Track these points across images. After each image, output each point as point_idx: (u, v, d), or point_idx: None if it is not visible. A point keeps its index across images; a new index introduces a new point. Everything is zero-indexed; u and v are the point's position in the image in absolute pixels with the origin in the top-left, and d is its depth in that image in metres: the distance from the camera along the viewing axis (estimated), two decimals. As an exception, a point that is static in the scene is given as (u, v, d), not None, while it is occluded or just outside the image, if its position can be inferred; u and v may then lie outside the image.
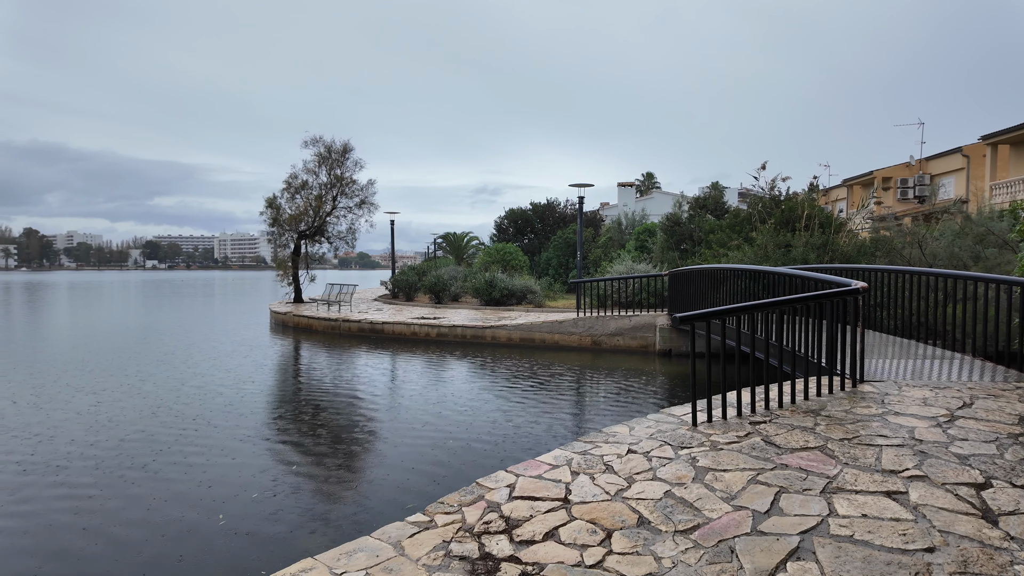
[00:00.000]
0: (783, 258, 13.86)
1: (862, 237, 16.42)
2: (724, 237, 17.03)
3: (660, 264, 20.54)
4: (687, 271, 13.18)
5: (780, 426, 4.59)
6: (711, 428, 4.67)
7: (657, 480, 3.79)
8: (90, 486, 5.93)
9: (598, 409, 9.40)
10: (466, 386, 10.74)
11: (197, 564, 4.50)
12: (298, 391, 10.80)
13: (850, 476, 3.58)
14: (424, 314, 17.90)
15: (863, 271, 9.67)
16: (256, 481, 6.05)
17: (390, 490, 5.90)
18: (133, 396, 9.79)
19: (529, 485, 3.86)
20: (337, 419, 8.66)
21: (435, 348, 14.73)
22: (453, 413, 8.71)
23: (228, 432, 7.77)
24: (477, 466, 6.39)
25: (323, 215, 21.80)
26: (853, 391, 5.54)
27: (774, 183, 18.08)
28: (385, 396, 10.04)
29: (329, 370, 12.75)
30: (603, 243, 29.20)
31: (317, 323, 17.92)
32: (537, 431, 7.79)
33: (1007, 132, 21.82)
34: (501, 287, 19.76)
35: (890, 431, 4.33)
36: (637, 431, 4.79)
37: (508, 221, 34.76)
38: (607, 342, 14.53)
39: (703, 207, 22.81)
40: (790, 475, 3.66)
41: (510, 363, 12.86)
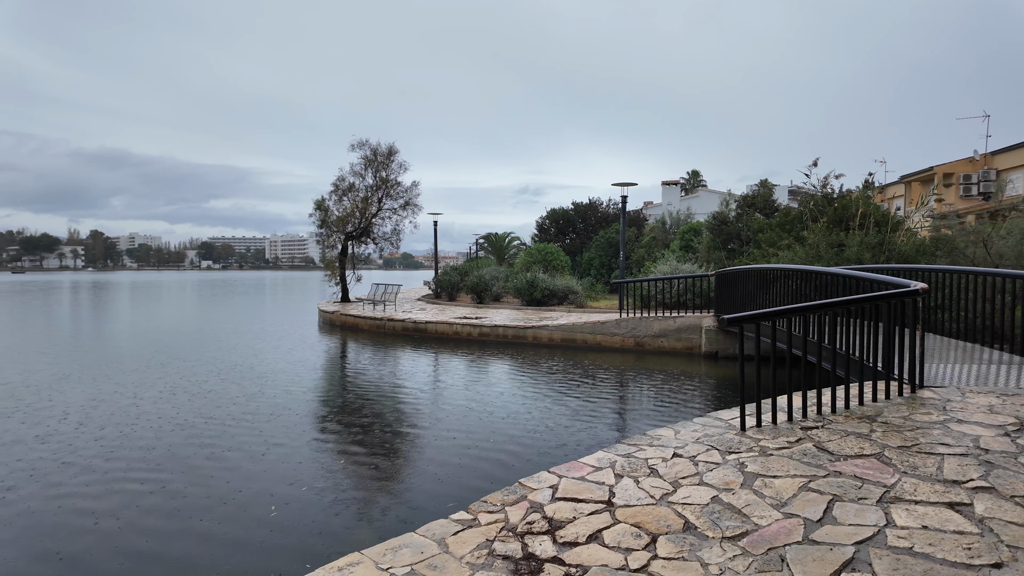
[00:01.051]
0: (836, 258, 13.37)
1: (921, 236, 15.69)
2: (774, 236, 16.55)
3: (706, 264, 20.12)
4: (735, 271, 12.88)
5: (833, 432, 4.43)
6: (760, 433, 4.56)
7: (704, 485, 3.72)
8: (159, 470, 6.23)
9: (642, 412, 9.29)
10: (507, 386, 10.78)
11: (245, 552, 4.66)
12: (345, 388, 11.05)
13: (909, 485, 3.43)
14: (466, 314, 18.04)
15: (922, 271, 9.24)
16: (307, 474, 6.22)
17: (434, 487, 5.97)
18: (195, 392, 10.21)
19: (572, 487, 3.85)
20: (383, 416, 8.83)
21: (477, 348, 14.83)
22: (495, 412, 8.76)
23: (280, 426, 8.02)
24: (519, 465, 6.40)
25: (369, 216, 22.26)
26: (912, 397, 5.30)
27: (826, 180, 17.47)
28: (428, 394, 10.17)
29: (375, 368, 13.00)
30: (646, 243, 28.81)
31: (363, 322, 18.30)
32: (578, 433, 7.75)
33: (1083, 123, 20.45)
34: (542, 287, 19.73)
35: (952, 439, 4.12)
36: (683, 435, 4.71)
37: (549, 221, 34.69)
38: (650, 343, 14.33)
39: (751, 205, 22.22)
40: (844, 483, 3.54)
41: (552, 364, 12.84)
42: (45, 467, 6.52)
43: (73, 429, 7.89)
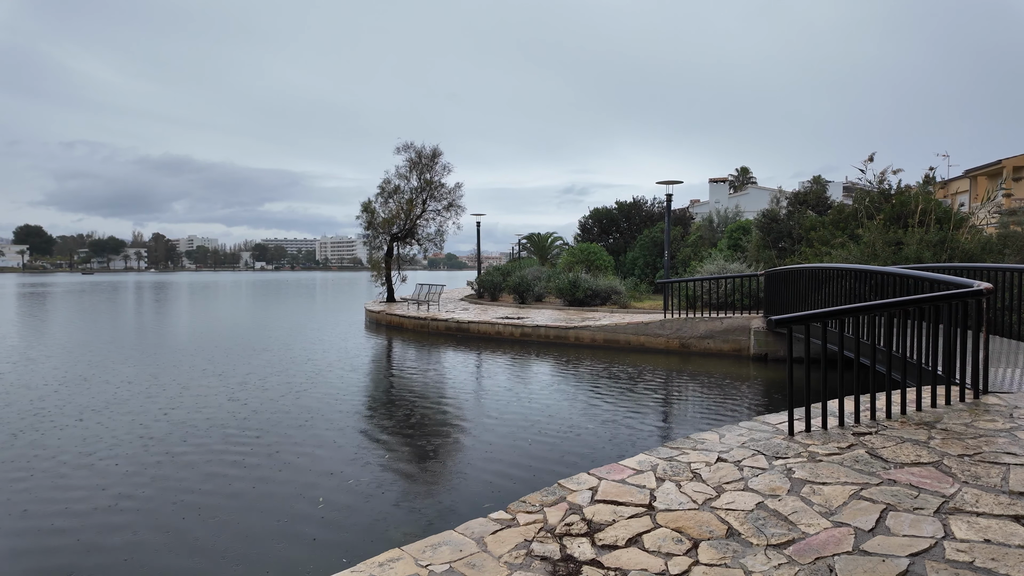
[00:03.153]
0: (893, 257, 12.80)
1: (987, 233, 14.85)
2: (827, 235, 15.97)
3: (755, 264, 19.57)
4: (785, 271, 12.49)
5: (888, 438, 4.24)
6: (809, 438, 4.40)
7: (748, 491, 3.62)
8: (221, 461, 6.50)
9: (685, 415, 9.11)
10: (549, 386, 10.76)
11: (291, 543, 4.80)
12: (390, 386, 11.26)
13: (970, 496, 3.26)
14: (508, 314, 18.10)
15: (988, 270, 8.75)
16: (353, 468, 6.37)
17: (475, 485, 6.02)
18: (251, 387, 10.60)
19: (612, 489, 3.81)
20: (426, 413, 8.95)
21: (519, 348, 14.85)
22: (536, 412, 8.75)
23: (330, 421, 8.23)
24: (559, 466, 6.38)
25: (413, 218, 22.60)
26: (975, 403, 5.02)
27: (883, 176, 16.76)
28: (470, 394, 10.26)
29: (418, 367, 13.19)
30: (692, 242, 28.23)
31: (407, 322, 18.60)
32: (619, 435, 7.67)
33: None
34: (585, 287, 19.61)
35: (1020, 448, 3.89)
36: (728, 439, 4.60)
37: (592, 221, 34.41)
38: (696, 345, 14.04)
39: (803, 203, 21.48)
40: (899, 492, 3.38)
41: (594, 364, 12.74)
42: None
43: (183, 416, 8.32)
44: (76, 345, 16.36)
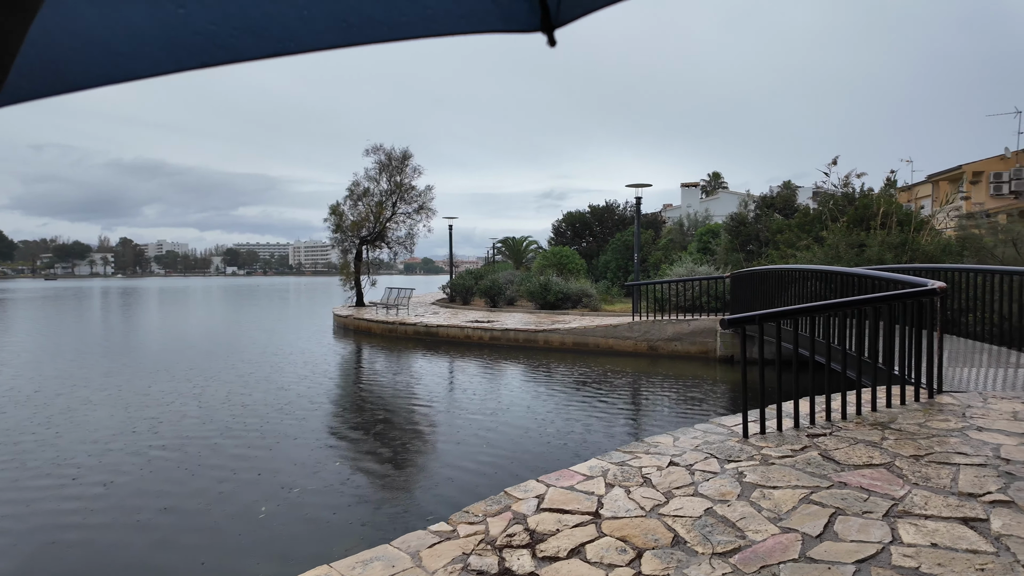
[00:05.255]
0: (856, 258, 12.95)
1: (947, 235, 15.15)
2: (792, 237, 16.14)
3: (724, 266, 19.70)
4: (750, 272, 12.54)
5: (842, 440, 4.17)
6: (763, 441, 4.31)
7: (698, 496, 3.50)
8: (168, 470, 6.18)
9: (648, 418, 9.03)
10: (515, 391, 10.60)
11: (219, 553, 4.55)
12: (353, 392, 10.98)
13: (919, 498, 3.18)
14: (478, 318, 17.91)
15: (946, 271, 8.85)
16: (303, 477, 6.11)
17: (431, 493, 5.82)
18: (206, 394, 10.23)
19: (559, 496, 3.66)
20: (388, 419, 8.71)
21: (488, 352, 14.67)
22: (500, 417, 8.58)
23: (286, 427, 7.94)
24: (523, 469, 6.22)
25: (383, 221, 22.26)
26: (930, 402, 5.00)
27: (847, 179, 17.02)
28: (434, 399, 10.04)
29: (383, 372, 12.92)
30: (664, 245, 28.41)
31: (376, 326, 18.27)
32: (581, 438, 7.54)
33: (1121, 117, 19.63)
34: (556, 291, 19.52)
35: (971, 448, 3.84)
36: (682, 441, 4.49)
37: (566, 224, 34.46)
38: (664, 347, 14.02)
39: (770, 206, 21.74)
40: (848, 495, 3.29)
41: (561, 368, 12.62)
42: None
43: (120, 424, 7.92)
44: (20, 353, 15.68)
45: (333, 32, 0.82)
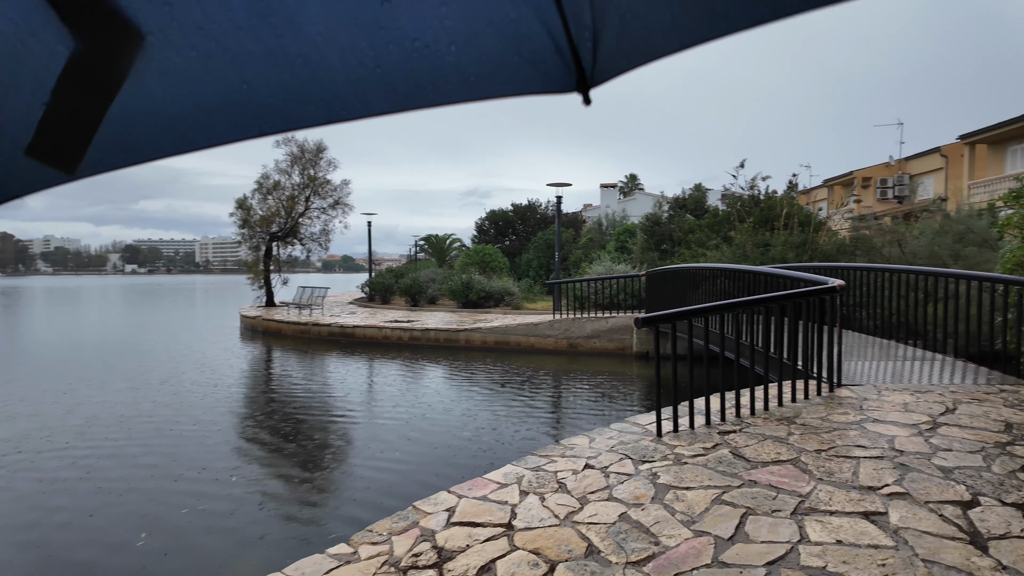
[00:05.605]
0: (761, 257, 13.60)
1: (842, 236, 16.25)
2: (703, 237, 16.76)
3: (640, 265, 20.23)
4: (664, 271, 12.87)
5: (751, 436, 4.23)
6: (677, 439, 4.30)
7: (613, 500, 3.40)
8: (55, 484, 5.42)
9: (570, 417, 9.02)
10: (435, 393, 10.31)
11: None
12: (262, 398, 10.29)
13: (824, 494, 3.22)
14: (398, 317, 17.42)
15: (842, 269, 9.40)
16: (199, 494, 5.56)
17: (344, 507, 5.46)
18: (97, 403, 9.23)
19: (471, 508, 3.45)
20: (299, 426, 8.18)
21: (407, 352, 14.26)
22: (418, 422, 8.28)
23: (184, 439, 7.26)
24: (438, 480, 5.97)
25: (296, 216, 21.20)
26: (830, 396, 5.20)
27: (754, 182, 17.88)
28: (351, 403, 9.57)
29: (295, 376, 12.24)
30: (584, 244, 28.90)
31: (286, 327, 17.35)
32: (505, 441, 7.39)
33: (984, 132, 21.87)
34: (478, 289, 19.34)
35: (869, 441, 3.98)
36: (597, 443, 4.40)
37: (489, 222, 34.36)
38: (583, 345, 14.16)
39: (683, 207, 22.57)
40: (758, 494, 3.29)
41: (483, 368, 12.45)
42: None
43: None
44: None
45: (382, 100, 0.88)
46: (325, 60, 0.83)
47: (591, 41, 0.85)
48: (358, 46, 0.83)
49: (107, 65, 0.74)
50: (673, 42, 0.80)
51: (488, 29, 0.84)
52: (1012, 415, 4.40)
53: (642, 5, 0.80)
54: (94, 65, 0.74)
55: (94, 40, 0.73)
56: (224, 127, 0.89)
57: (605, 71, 0.88)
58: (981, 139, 22.32)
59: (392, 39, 0.83)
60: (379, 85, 0.86)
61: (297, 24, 0.79)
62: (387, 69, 0.85)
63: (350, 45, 0.82)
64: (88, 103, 0.75)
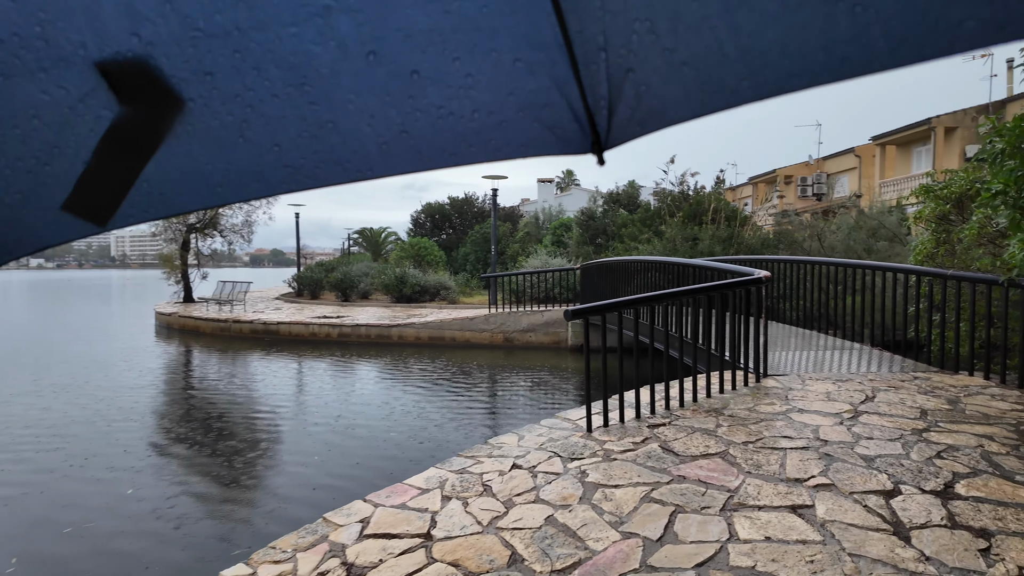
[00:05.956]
0: (691, 251, 13.89)
1: (766, 231, 16.86)
2: (635, 231, 17.01)
3: (575, 258, 20.34)
4: (598, 264, 12.91)
5: (680, 429, 4.15)
6: (607, 434, 4.17)
7: (540, 503, 3.22)
8: None
9: (503, 413, 8.84)
10: (365, 392, 9.89)
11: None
12: (177, 401, 9.55)
13: (753, 488, 3.15)
14: (327, 313, 16.73)
15: (766, 262, 9.65)
16: (98, 509, 4.99)
17: (258, 520, 5.04)
18: None
19: (387, 518, 3.18)
20: (216, 431, 7.59)
21: (336, 350, 13.69)
22: (348, 422, 7.87)
23: (89, 446, 6.56)
24: (362, 487, 5.64)
25: (215, 206, 19.94)
26: (757, 386, 5.24)
27: (683, 178, 18.30)
28: (273, 405, 9.02)
29: (213, 376, 11.47)
30: (520, 238, 28.86)
31: (205, 324, 16.32)
32: (436, 440, 7.11)
33: (893, 133, 23.30)
34: (412, 283, 18.87)
35: (794, 431, 3.98)
36: (527, 440, 4.22)
37: (425, 216, 33.76)
38: (519, 339, 14.04)
39: (616, 202, 22.88)
40: (687, 490, 3.19)
41: (416, 364, 12.10)
42: None
43: None
44: None
45: (406, 162, 0.93)
46: (355, 125, 0.88)
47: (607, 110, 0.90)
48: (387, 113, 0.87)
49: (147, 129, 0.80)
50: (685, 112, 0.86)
51: (510, 99, 0.88)
52: (926, 402, 4.54)
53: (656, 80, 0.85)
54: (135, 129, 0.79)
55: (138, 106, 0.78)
56: (254, 185, 0.92)
57: (619, 136, 0.92)
58: (890, 141, 23.77)
59: (419, 107, 0.87)
60: (404, 148, 0.91)
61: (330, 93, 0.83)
62: (413, 134, 0.90)
63: (379, 112, 0.87)
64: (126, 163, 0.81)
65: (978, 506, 2.84)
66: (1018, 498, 2.90)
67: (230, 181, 0.91)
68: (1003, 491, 2.98)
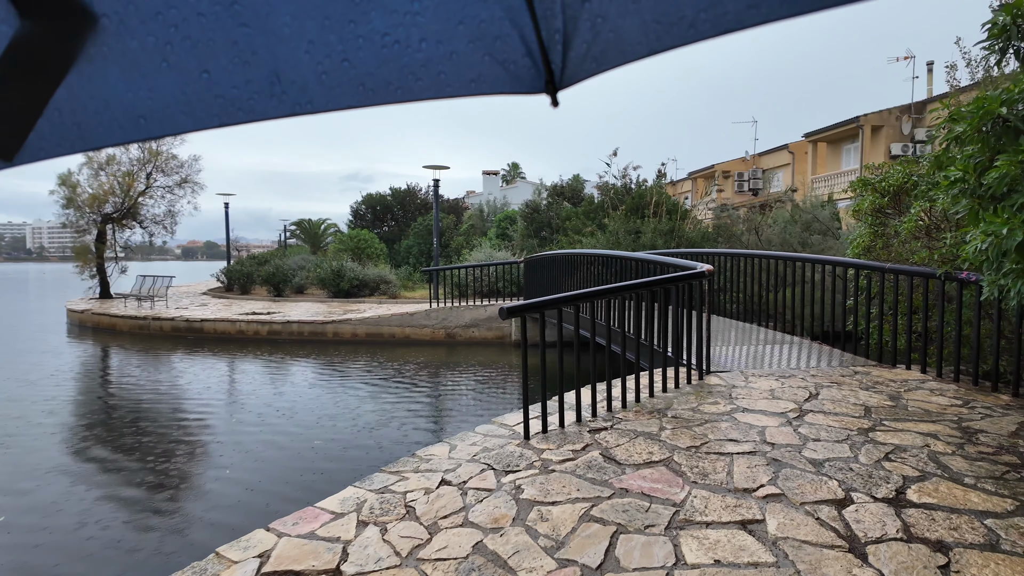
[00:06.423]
0: (634, 244, 13.84)
1: (706, 224, 17.06)
2: (579, 224, 16.87)
3: (520, 251, 20.08)
4: (542, 257, 12.66)
5: (622, 433, 3.89)
6: (545, 441, 3.86)
7: (468, 526, 2.86)
8: None
9: (441, 417, 8.45)
10: (292, 395, 9.28)
11: None
12: (84, 408, 8.66)
13: (699, 501, 2.90)
14: (257, 309, 15.82)
15: (707, 255, 9.63)
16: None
17: (157, 553, 4.48)
18: None
19: (291, 551, 2.76)
20: (126, 443, 6.86)
21: (266, 348, 12.91)
22: (270, 431, 7.29)
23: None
24: (284, 504, 5.15)
25: (135, 195, 18.55)
26: (700, 384, 5.06)
27: (626, 171, 18.29)
28: (190, 411, 8.31)
29: (124, 381, 10.55)
30: (465, 230, 28.41)
31: (122, 322, 15.12)
32: (366, 449, 6.66)
33: (824, 131, 24.12)
34: (351, 277, 18.13)
35: (740, 433, 3.78)
36: (459, 450, 3.86)
37: (366, 207, 32.75)
38: (462, 334, 13.66)
39: (561, 195, 22.74)
40: (630, 505, 2.91)
41: (351, 363, 11.52)
42: None
43: None
44: None
45: (349, 95, 0.88)
46: (291, 52, 0.82)
47: (561, 44, 0.88)
48: (326, 39, 0.82)
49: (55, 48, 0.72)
50: (642, 47, 0.84)
51: (459, 28, 0.86)
52: (869, 398, 4.45)
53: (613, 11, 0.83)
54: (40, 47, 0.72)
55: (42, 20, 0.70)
56: (181, 117, 0.86)
57: (575, 74, 0.91)
58: (821, 138, 24.62)
59: (362, 33, 0.83)
60: (347, 79, 0.87)
61: (263, 14, 0.77)
62: (355, 63, 0.86)
63: (318, 38, 0.82)
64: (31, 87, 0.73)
65: (932, 514, 2.68)
66: (970, 504, 2.76)
67: (155, 112, 0.84)
68: (954, 496, 2.84)
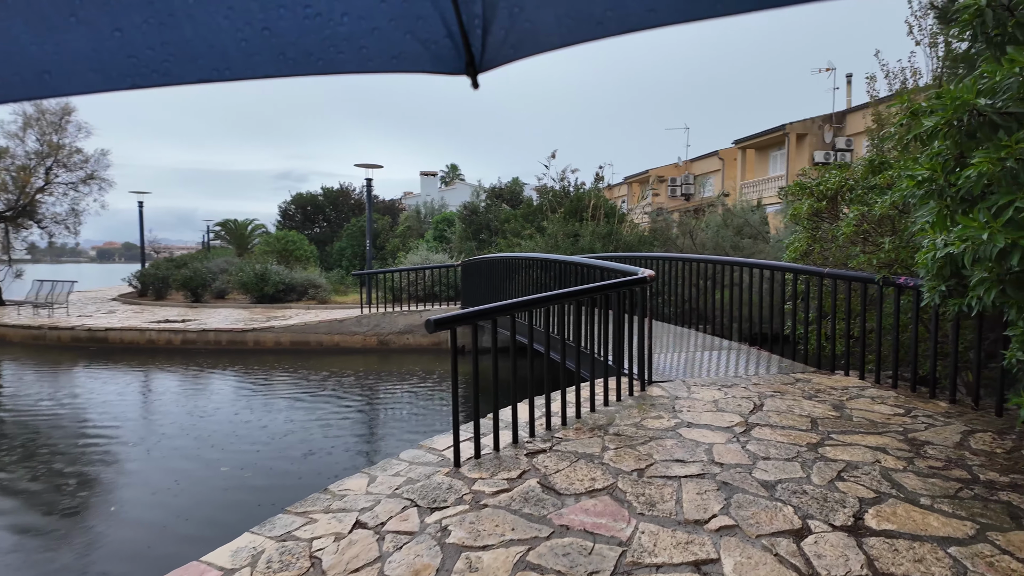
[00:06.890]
0: (572, 247, 13.68)
1: (642, 228, 17.17)
2: (518, 226, 16.62)
3: (458, 254, 19.61)
4: (479, 261, 12.27)
5: (562, 456, 3.54)
6: (478, 469, 3.47)
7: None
8: None
9: (368, 436, 7.90)
10: (205, 414, 8.48)
11: None
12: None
13: (648, 538, 2.58)
14: (171, 316, 14.65)
15: (644, 259, 9.53)
16: None
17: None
18: None
19: (161, 625, 2.24)
20: (11, 476, 5.96)
21: (179, 359, 11.89)
22: (179, 456, 6.56)
23: None
24: (192, 546, 4.53)
25: (31, 192, 16.84)
26: (643, 395, 4.80)
27: (564, 174, 18.19)
28: (88, 433, 7.40)
29: (14, 397, 9.38)
30: (401, 232, 27.65)
31: (13, 332, 13.60)
32: (282, 478, 6.06)
33: (752, 138, 24.94)
34: (276, 281, 17.13)
35: (687, 452, 3.52)
36: (379, 483, 3.41)
37: (295, 207, 31.38)
38: (396, 341, 13.07)
39: (499, 197, 22.45)
40: (571, 547, 2.56)
41: (273, 376, 10.75)
42: None
43: None
44: None
45: (270, 64, 0.88)
46: (210, 17, 0.80)
47: (481, 29, 0.91)
48: (247, 6, 0.81)
49: None
50: (556, 39, 0.90)
51: (382, 5, 0.86)
52: (813, 408, 4.31)
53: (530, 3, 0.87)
54: None
55: None
56: (91, 76, 0.83)
57: (494, 58, 0.95)
58: (750, 145, 25.45)
59: (283, 3, 0.81)
60: (267, 48, 0.85)
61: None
62: (276, 33, 0.84)
63: (238, 4, 0.80)
64: None
65: (894, 544, 2.46)
66: (930, 528, 2.58)
67: (61, 68, 0.80)
68: (913, 520, 2.65)
